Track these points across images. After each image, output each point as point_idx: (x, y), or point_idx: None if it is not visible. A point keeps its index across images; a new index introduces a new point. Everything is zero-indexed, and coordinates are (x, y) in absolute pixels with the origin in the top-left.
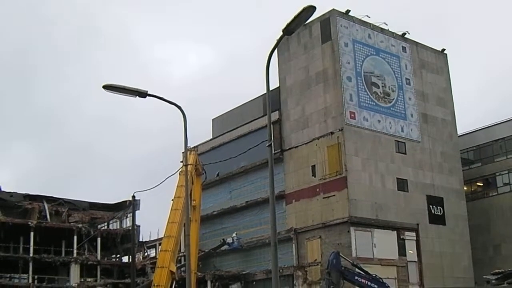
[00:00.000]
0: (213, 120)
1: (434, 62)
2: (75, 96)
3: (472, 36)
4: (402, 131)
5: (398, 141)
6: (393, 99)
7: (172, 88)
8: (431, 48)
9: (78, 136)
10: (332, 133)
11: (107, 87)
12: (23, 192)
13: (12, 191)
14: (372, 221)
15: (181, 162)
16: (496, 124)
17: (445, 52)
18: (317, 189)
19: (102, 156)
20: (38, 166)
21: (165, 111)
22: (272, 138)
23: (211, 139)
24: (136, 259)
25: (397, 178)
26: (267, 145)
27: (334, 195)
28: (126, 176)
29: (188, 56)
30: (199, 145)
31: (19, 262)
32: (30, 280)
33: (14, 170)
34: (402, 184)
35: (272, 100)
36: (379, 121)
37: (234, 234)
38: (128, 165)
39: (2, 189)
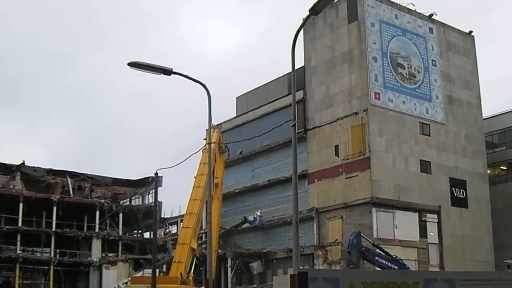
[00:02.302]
0: (237, 98)
1: (461, 44)
2: (109, 72)
3: (500, 18)
4: (427, 112)
5: (422, 123)
6: (418, 81)
7: (201, 65)
8: (458, 30)
9: (107, 112)
10: (356, 113)
11: (132, 65)
12: (47, 167)
13: (37, 166)
14: (394, 202)
15: (204, 139)
16: None
17: (472, 34)
18: (340, 169)
19: (128, 133)
20: (67, 141)
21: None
22: (296, 118)
23: (234, 117)
24: (157, 235)
25: (420, 160)
26: (291, 125)
27: (356, 176)
28: (150, 153)
29: (218, 34)
30: (223, 123)
31: (41, 236)
32: (52, 254)
33: (44, 145)
34: (425, 166)
35: (296, 79)
36: (404, 102)
37: (258, 212)
38: (153, 142)
39: (27, 164)
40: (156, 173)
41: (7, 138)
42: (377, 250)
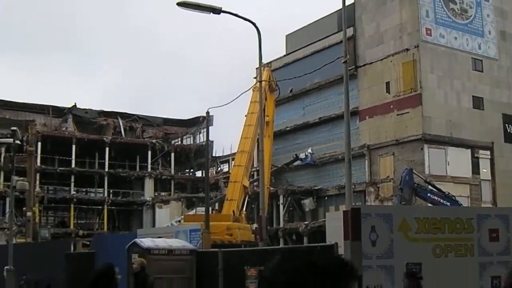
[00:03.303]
0: (286, 36)
1: None
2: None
3: None
4: (479, 48)
5: (475, 59)
6: (470, 16)
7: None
8: None
9: (158, 54)
10: (407, 49)
11: (181, 4)
12: (98, 109)
13: (89, 108)
14: (446, 138)
15: (254, 78)
16: None
17: None
18: (391, 106)
19: (179, 73)
20: (119, 82)
21: (241, 28)
22: (347, 54)
23: (284, 55)
24: (209, 174)
25: (472, 96)
26: (342, 61)
27: (408, 112)
28: (201, 93)
29: None
30: (273, 61)
31: (95, 176)
32: (106, 194)
33: (96, 87)
34: (477, 102)
35: (346, 16)
36: (455, 38)
37: (309, 150)
38: (203, 81)
39: (78, 106)
40: (208, 112)
41: (59, 81)
42: (429, 187)
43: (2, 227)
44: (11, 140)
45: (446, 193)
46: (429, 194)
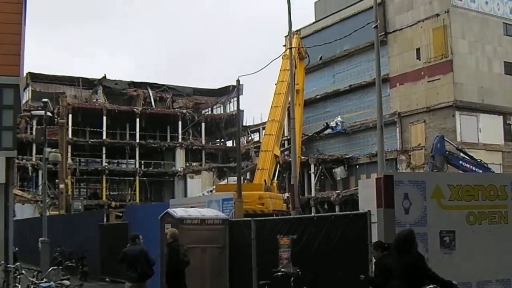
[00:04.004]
0: (315, 3)
1: None
2: None
3: None
4: (511, 13)
5: (506, 24)
6: None
7: None
8: None
9: (187, 24)
10: (437, 15)
11: None
12: (128, 80)
13: (119, 79)
14: (477, 105)
15: (284, 46)
16: None
17: None
18: (422, 73)
19: (208, 43)
20: (149, 52)
21: None
22: (378, 19)
23: (313, 23)
24: (240, 143)
25: (504, 62)
26: (373, 26)
27: (439, 79)
28: (230, 62)
29: None
30: (302, 28)
31: (126, 148)
32: (137, 165)
33: (126, 58)
34: (509, 68)
35: None
36: (486, 2)
37: (339, 118)
38: (232, 51)
39: (108, 77)
40: (238, 81)
41: (89, 52)
42: (461, 154)
43: (35, 199)
44: (42, 112)
45: (478, 160)
46: (461, 162)
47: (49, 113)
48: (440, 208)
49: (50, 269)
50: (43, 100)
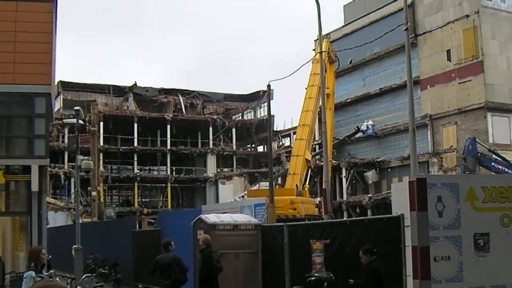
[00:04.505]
0: (344, 6)
1: None
2: None
3: None
4: None
5: None
6: None
7: None
8: None
9: (217, 30)
10: (467, 16)
11: None
12: (158, 87)
13: (149, 86)
14: (509, 106)
15: (313, 50)
16: None
17: None
18: (453, 74)
19: (238, 49)
20: (179, 59)
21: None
22: (408, 21)
23: (342, 26)
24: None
25: None
26: (403, 28)
27: (470, 80)
28: (259, 68)
29: None
30: (331, 32)
31: (157, 154)
32: (169, 172)
33: (156, 65)
34: None
35: None
36: None
37: (370, 121)
38: (262, 56)
39: (139, 85)
40: (269, 86)
41: (119, 60)
42: (493, 156)
43: (68, 207)
44: (74, 120)
45: (511, 161)
46: (493, 163)
47: (80, 121)
48: (474, 211)
49: (84, 276)
50: (75, 108)
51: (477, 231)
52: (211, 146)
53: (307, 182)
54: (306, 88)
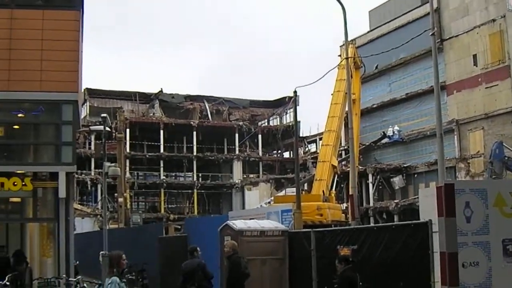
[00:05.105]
0: (370, 12)
1: None
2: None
3: None
4: None
5: None
6: None
7: None
8: None
9: (241, 36)
10: (493, 20)
11: None
12: (184, 93)
13: (175, 92)
14: None
15: (339, 56)
16: None
17: None
18: (479, 79)
19: (263, 55)
20: (205, 66)
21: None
22: (435, 26)
23: (368, 32)
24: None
25: None
26: (430, 34)
27: (497, 85)
28: (285, 74)
29: None
30: (357, 38)
31: (183, 161)
32: (195, 178)
33: (182, 72)
34: None
35: None
36: None
37: (396, 127)
38: (287, 63)
39: (165, 91)
40: (295, 92)
41: (145, 66)
42: None
43: (95, 213)
44: (101, 127)
45: None
46: None
47: (107, 128)
48: (503, 216)
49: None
50: (102, 115)
51: (506, 236)
52: (237, 152)
53: (333, 188)
54: (332, 94)
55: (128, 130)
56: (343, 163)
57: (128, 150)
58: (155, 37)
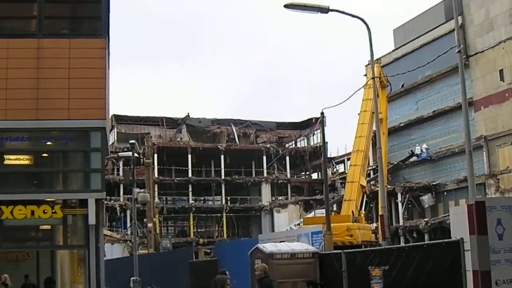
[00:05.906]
0: (394, 30)
1: None
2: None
3: None
4: None
5: None
6: None
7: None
8: None
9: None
10: None
11: (289, 6)
12: (211, 117)
13: (202, 117)
14: None
15: (364, 75)
16: None
17: None
18: (506, 94)
19: (287, 77)
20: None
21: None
22: (461, 43)
23: (393, 50)
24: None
25: None
26: (456, 51)
27: None
28: (310, 95)
29: None
30: (382, 57)
31: (211, 184)
32: (224, 201)
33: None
34: None
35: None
36: None
37: (424, 145)
38: (311, 83)
39: (191, 116)
40: (322, 113)
41: (171, 92)
42: None
43: (124, 239)
44: (129, 153)
45: None
46: None
47: (135, 154)
48: None
49: None
50: (131, 141)
51: None
52: (265, 174)
53: (362, 208)
54: (358, 114)
55: (156, 155)
56: (371, 182)
57: (156, 175)
58: (179, 60)
